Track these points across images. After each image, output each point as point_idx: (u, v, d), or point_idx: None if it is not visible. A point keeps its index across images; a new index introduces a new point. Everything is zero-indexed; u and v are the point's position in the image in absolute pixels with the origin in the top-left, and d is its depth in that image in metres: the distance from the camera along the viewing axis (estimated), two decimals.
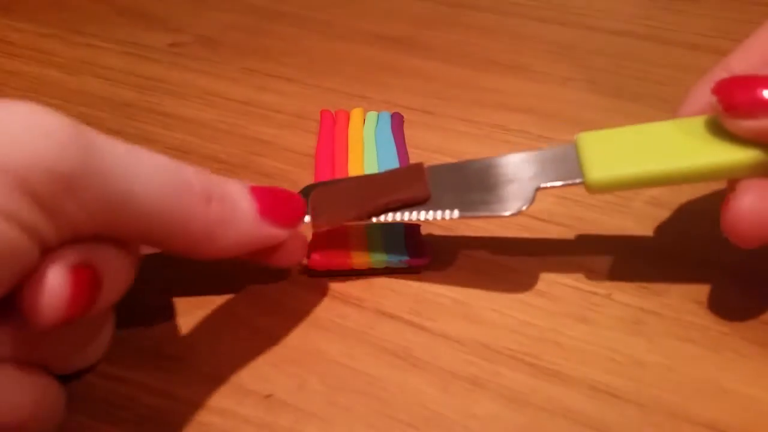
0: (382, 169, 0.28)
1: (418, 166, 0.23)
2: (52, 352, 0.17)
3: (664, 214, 0.26)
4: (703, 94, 0.21)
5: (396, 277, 0.23)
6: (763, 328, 0.21)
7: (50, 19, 0.41)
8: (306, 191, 0.23)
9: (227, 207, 0.18)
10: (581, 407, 0.19)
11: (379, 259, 0.23)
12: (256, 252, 0.20)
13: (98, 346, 0.19)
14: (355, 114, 0.32)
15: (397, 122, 0.31)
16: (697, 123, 0.20)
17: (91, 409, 0.18)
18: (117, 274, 0.17)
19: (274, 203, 0.19)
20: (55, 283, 0.15)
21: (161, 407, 0.19)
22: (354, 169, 0.28)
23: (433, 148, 0.30)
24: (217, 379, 0.19)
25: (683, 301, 0.22)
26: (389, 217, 0.22)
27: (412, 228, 0.24)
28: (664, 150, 0.20)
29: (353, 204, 0.22)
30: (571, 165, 0.21)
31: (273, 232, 0.19)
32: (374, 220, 0.22)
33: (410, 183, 0.22)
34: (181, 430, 0.18)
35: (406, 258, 0.23)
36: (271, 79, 0.35)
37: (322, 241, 0.23)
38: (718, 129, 0.20)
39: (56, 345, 0.17)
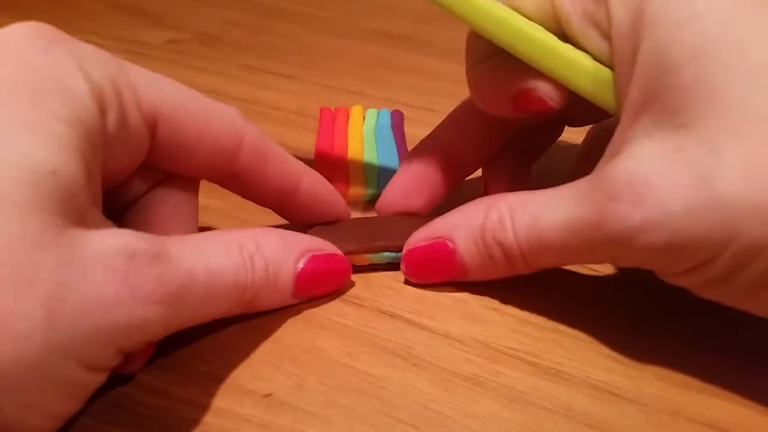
0: (382, 166, 0.28)
1: (421, 218, 0.24)
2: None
3: None
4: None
5: (396, 276, 0.23)
6: (766, 327, 0.21)
7: (48, 17, 0.40)
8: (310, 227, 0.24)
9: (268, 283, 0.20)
10: (582, 406, 0.19)
11: (379, 255, 0.23)
12: None
13: None
14: (355, 111, 0.32)
15: (397, 119, 0.31)
16: None
17: (91, 408, 0.18)
18: None
19: (315, 282, 0.21)
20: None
21: (161, 407, 0.19)
22: (354, 167, 0.28)
23: None
24: (216, 378, 0.19)
25: (685, 300, 0.22)
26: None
27: None
28: None
29: (352, 239, 0.23)
30: None
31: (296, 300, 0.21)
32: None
33: (409, 232, 0.23)
34: (180, 430, 0.18)
35: None
36: (271, 76, 0.35)
37: None
38: None
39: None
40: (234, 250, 0.19)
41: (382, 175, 0.28)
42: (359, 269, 0.23)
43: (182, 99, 0.20)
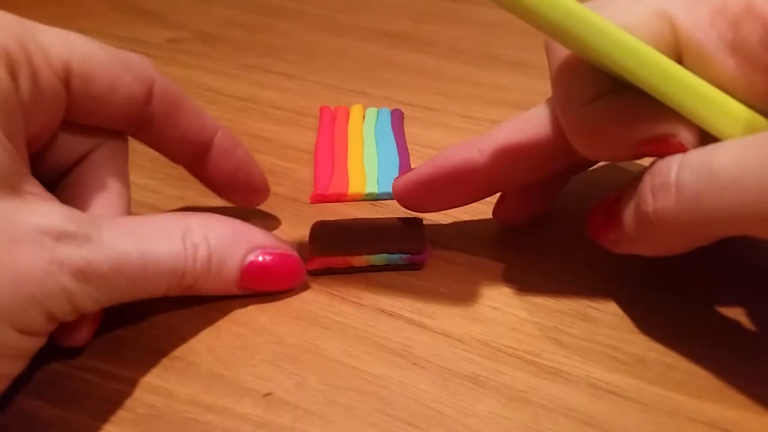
0: (382, 166, 0.28)
1: (418, 221, 0.24)
2: None
3: None
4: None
5: (396, 275, 0.23)
6: (766, 326, 0.21)
7: (47, 15, 0.40)
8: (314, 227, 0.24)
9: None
10: (582, 406, 0.19)
11: (379, 256, 0.23)
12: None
13: None
14: (355, 110, 0.32)
15: (397, 118, 0.31)
16: None
17: (91, 407, 0.18)
18: None
19: (263, 278, 0.21)
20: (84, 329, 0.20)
21: (161, 406, 0.19)
22: (353, 166, 0.28)
23: (433, 144, 0.30)
24: (216, 377, 0.19)
25: (686, 299, 0.22)
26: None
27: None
28: None
29: (350, 243, 0.23)
30: None
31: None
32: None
33: (408, 235, 0.23)
34: (180, 429, 0.18)
35: (406, 255, 0.23)
36: (271, 75, 0.35)
37: None
38: None
39: None
40: (175, 237, 0.19)
41: (382, 174, 0.28)
42: (359, 269, 0.23)
43: (91, 50, 0.20)
